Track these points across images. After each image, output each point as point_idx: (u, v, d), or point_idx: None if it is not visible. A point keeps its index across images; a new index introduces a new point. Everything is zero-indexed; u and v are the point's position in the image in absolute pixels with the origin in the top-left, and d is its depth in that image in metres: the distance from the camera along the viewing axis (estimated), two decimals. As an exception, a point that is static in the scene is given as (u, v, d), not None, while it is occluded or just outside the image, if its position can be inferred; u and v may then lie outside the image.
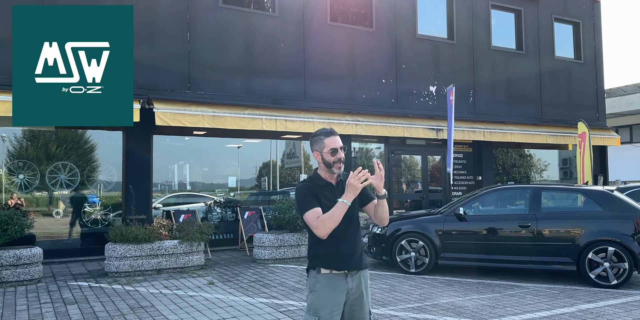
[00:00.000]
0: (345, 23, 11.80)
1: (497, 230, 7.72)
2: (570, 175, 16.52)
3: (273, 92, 10.65)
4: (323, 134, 3.06)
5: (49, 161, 9.60)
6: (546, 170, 15.72)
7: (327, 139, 3.03)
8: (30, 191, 9.51)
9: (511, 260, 7.59)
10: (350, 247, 3.06)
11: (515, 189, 8.59)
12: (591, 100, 15.08)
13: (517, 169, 15.09)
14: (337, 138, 3.06)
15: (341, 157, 3.02)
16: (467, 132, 12.30)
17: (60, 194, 9.77)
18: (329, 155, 3.02)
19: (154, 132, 10.02)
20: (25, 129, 9.52)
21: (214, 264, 8.93)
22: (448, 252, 7.84)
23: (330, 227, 2.88)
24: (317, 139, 3.07)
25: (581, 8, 15.02)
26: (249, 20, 10.56)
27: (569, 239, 7.35)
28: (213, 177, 11.86)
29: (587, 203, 7.69)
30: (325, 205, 2.99)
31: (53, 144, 9.75)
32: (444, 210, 8.21)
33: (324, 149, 3.03)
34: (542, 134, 13.35)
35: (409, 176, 13.45)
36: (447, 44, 12.92)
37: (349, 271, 3.03)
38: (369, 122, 11.18)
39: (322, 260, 3.04)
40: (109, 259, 7.93)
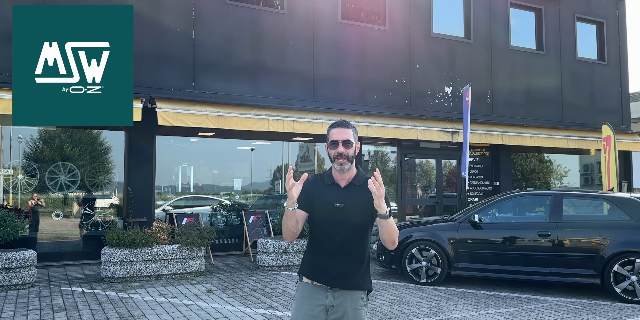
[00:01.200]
0: (357, 21, 11.38)
1: (515, 239, 7.22)
2: (592, 181, 15.88)
3: (281, 92, 10.27)
4: (332, 124, 2.78)
5: (65, 161, 9.36)
6: (566, 176, 15.10)
7: (332, 130, 2.75)
8: (46, 192, 9.28)
9: (530, 272, 7.09)
10: (336, 261, 2.71)
11: (535, 196, 8.07)
12: (615, 103, 14.44)
13: (537, 175, 14.50)
14: (343, 131, 2.72)
15: (341, 152, 2.67)
16: (484, 135, 11.78)
17: (75, 196, 9.51)
18: (330, 148, 2.73)
19: (157, 133, 9.70)
20: (41, 130, 9.30)
21: (215, 269, 8.55)
22: (461, 262, 7.35)
23: (286, 232, 2.69)
24: (327, 131, 2.83)
25: (605, 7, 14.41)
26: (257, 17, 10.20)
27: (593, 250, 6.83)
28: (222, 179, 11.52)
29: (612, 211, 7.16)
30: (322, 208, 2.71)
31: (68, 145, 9.50)
32: (457, 217, 7.73)
33: (328, 141, 2.75)
34: (563, 138, 12.77)
35: (424, 181, 12.96)
36: (463, 44, 12.43)
37: (330, 287, 2.70)
38: (380, 123, 10.73)
39: (306, 268, 2.79)
40: (105, 264, 7.61)
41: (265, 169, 11.63)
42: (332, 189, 2.73)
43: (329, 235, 2.69)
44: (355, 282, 2.72)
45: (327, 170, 2.83)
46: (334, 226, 2.69)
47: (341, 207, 2.68)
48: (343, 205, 2.68)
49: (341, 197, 2.70)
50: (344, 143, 2.68)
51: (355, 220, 2.69)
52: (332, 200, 2.69)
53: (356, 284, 2.73)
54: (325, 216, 2.71)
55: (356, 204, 2.69)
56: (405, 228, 7.87)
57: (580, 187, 15.48)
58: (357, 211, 2.68)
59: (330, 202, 2.69)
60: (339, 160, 2.68)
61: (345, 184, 2.74)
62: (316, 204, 2.72)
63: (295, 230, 2.68)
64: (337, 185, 2.74)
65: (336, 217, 2.68)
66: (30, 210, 9.14)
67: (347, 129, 2.72)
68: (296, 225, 2.67)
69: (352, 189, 2.71)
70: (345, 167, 2.69)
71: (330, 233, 2.69)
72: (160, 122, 8.77)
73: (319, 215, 2.73)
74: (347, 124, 2.75)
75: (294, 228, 2.67)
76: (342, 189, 2.73)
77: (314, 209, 2.74)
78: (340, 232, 2.67)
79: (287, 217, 2.65)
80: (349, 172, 2.74)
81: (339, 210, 2.69)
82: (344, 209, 2.68)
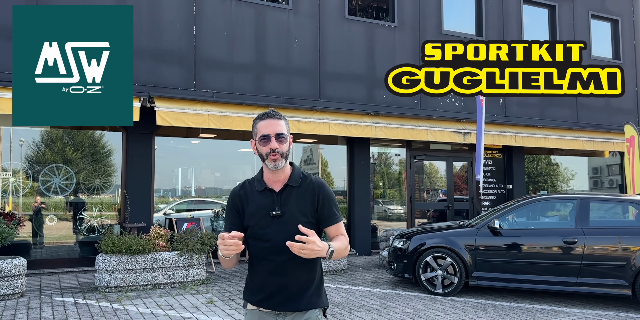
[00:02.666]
0: (365, 17, 10.93)
1: (538, 247, 6.73)
2: (602, 184, 15.40)
3: (285, 91, 9.81)
4: (259, 116, 2.36)
5: (60, 164, 8.92)
6: (573, 179, 14.60)
7: (260, 123, 2.33)
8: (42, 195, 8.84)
9: (554, 282, 6.59)
10: (284, 280, 2.30)
11: (559, 200, 7.57)
12: (631, 104, 13.95)
13: (544, 177, 14.00)
14: (275, 122, 2.31)
15: (275, 148, 2.27)
16: (497, 137, 11.31)
17: (74, 199, 9.07)
18: (260, 145, 2.31)
19: (156, 133, 9.24)
20: (42, 132, 8.88)
21: (216, 278, 8.08)
22: (481, 271, 6.86)
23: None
24: (253, 125, 2.39)
25: (620, 4, 13.94)
26: (260, 13, 9.75)
27: (623, 259, 6.34)
28: (225, 182, 11.06)
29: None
30: (257, 220, 2.30)
31: (70, 148, 9.06)
32: (475, 223, 7.24)
33: (256, 136, 2.34)
34: (578, 140, 12.28)
35: (434, 184, 12.47)
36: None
37: (280, 311, 2.31)
38: (389, 124, 10.27)
39: (249, 293, 2.39)
40: (100, 272, 7.15)
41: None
42: (265, 195, 2.33)
43: (270, 251, 2.27)
44: (308, 301, 2.31)
45: (257, 175, 2.42)
46: (275, 239, 2.26)
47: (279, 215, 2.28)
48: (281, 213, 2.28)
49: (277, 203, 2.30)
50: (277, 137, 2.28)
51: (296, 226, 2.21)
52: (266, 209, 2.30)
53: (310, 303, 2.31)
54: (262, 229, 2.30)
55: (296, 208, 2.30)
56: (417, 234, 7.39)
57: (589, 190, 14.99)
58: (299, 217, 2.28)
59: (264, 211, 2.30)
60: (271, 157, 2.28)
61: (281, 186, 2.34)
62: (249, 216, 2.32)
63: (235, 262, 2.35)
64: (271, 190, 2.33)
65: (275, 227, 2.28)
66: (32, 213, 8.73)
67: (278, 121, 2.32)
68: (236, 259, 2.32)
69: (289, 191, 2.32)
70: (279, 164, 2.28)
71: (270, 248, 2.27)
72: (159, 122, 8.33)
73: (254, 229, 2.31)
74: (277, 114, 2.35)
75: (234, 262, 2.34)
76: (277, 193, 2.32)
77: (247, 223, 2.33)
78: (283, 246, 2.17)
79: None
80: (283, 171, 2.33)
81: (277, 220, 2.28)
82: (283, 217, 2.28)
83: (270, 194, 2.32)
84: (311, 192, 2.33)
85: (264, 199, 2.32)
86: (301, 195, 2.32)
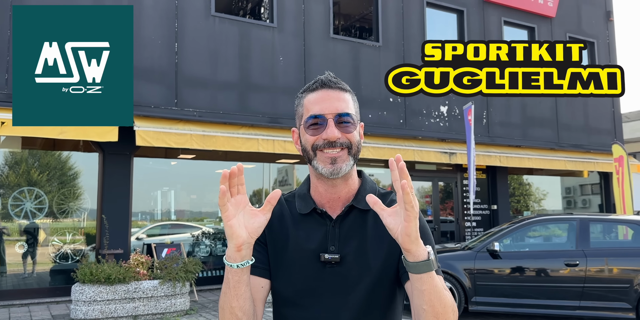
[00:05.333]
0: (350, 36, 10.81)
1: (540, 270, 6.53)
2: (575, 204, 15.50)
3: (270, 110, 9.53)
4: (307, 87, 1.45)
5: (31, 186, 8.40)
6: (545, 199, 14.65)
7: (311, 96, 1.41)
8: (11, 220, 8.27)
9: (557, 306, 6.38)
10: None
11: (558, 221, 7.42)
12: (608, 124, 14.13)
13: (517, 198, 13.98)
14: (335, 94, 1.39)
15: (336, 138, 1.33)
16: (481, 157, 11.21)
17: (42, 223, 8.50)
18: (307, 132, 1.38)
19: (134, 154, 8.82)
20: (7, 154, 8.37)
21: (200, 307, 7.62)
22: (480, 296, 6.61)
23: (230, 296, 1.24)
24: (297, 102, 1.47)
25: (595, 27, 14.22)
26: (244, 30, 9.52)
27: (626, 281, 6.18)
28: (202, 205, 10.64)
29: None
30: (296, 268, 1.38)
31: (35, 170, 8.55)
32: (473, 246, 7.01)
33: (301, 119, 1.42)
34: (560, 160, 12.30)
35: (420, 205, 12.28)
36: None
37: None
38: (376, 144, 10.06)
39: None
40: (76, 303, 6.65)
41: (248, 194, 10.77)
42: (312, 224, 1.40)
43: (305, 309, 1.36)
44: None
45: (300, 187, 1.49)
46: (325, 302, 1.35)
47: (335, 261, 1.36)
48: (339, 257, 1.36)
49: (334, 238, 1.37)
50: (339, 119, 1.35)
51: (368, 284, 1.35)
52: (314, 249, 1.37)
53: None
54: (303, 284, 1.37)
55: (368, 249, 1.38)
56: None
57: (563, 210, 15.06)
58: (371, 265, 1.36)
59: (310, 252, 1.37)
60: (328, 155, 1.34)
61: (341, 210, 1.40)
62: (281, 259, 1.40)
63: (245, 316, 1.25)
64: (323, 216, 1.40)
65: (327, 282, 1.36)
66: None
67: (341, 93, 1.40)
68: (249, 306, 1.25)
69: (356, 219, 1.39)
70: (342, 167, 1.34)
71: (316, 317, 1.36)
72: (139, 142, 7.93)
73: (289, 284, 1.38)
74: (338, 83, 1.43)
75: (245, 312, 1.24)
76: (336, 221, 1.39)
77: (277, 270, 1.40)
78: (340, 314, 1.34)
79: (231, 286, 1.22)
80: (347, 183, 1.41)
81: (330, 269, 1.37)
82: (343, 265, 1.36)
83: (322, 222, 1.39)
84: None
85: (311, 230, 1.39)
86: (377, 226, 1.36)
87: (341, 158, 1.33)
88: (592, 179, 15.13)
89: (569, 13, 13.74)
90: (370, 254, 1.36)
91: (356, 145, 1.37)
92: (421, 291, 1.18)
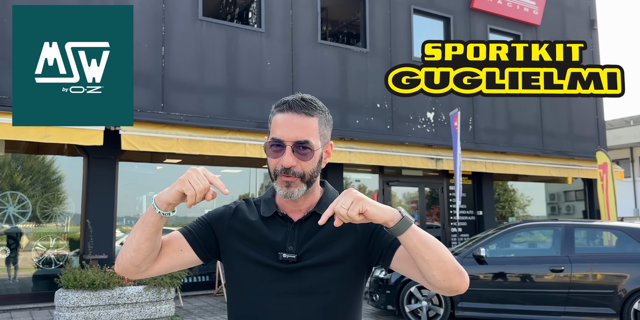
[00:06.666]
0: (337, 42, 10.84)
1: (525, 276, 6.56)
2: (559, 210, 15.66)
3: (258, 114, 9.51)
4: (279, 104, 1.47)
5: (15, 190, 8.27)
6: (529, 205, 14.77)
7: (278, 117, 1.44)
8: None
9: (542, 311, 6.41)
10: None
11: (543, 227, 7.47)
12: (592, 131, 14.30)
13: (502, 204, 14.08)
14: (299, 119, 1.41)
15: (289, 166, 1.39)
16: (467, 163, 11.28)
17: (25, 227, 8.36)
18: (268, 153, 1.44)
19: (120, 158, 8.73)
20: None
21: (186, 313, 7.54)
22: (466, 302, 6.62)
23: (124, 258, 1.40)
24: (270, 114, 1.51)
25: (580, 35, 14.41)
26: (232, 35, 9.50)
27: (610, 286, 6.24)
28: (187, 210, 10.55)
29: (628, 243, 6.59)
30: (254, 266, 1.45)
31: (19, 174, 8.41)
32: (459, 251, 7.04)
33: (268, 136, 1.47)
34: (545, 166, 12.42)
35: (407, 210, 12.31)
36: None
37: None
38: (363, 149, 10.08)
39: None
40: (60, 309, 6.55)
41: (234, 198, 10.73)
42: (274, 225, 1.48)
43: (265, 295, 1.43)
44: None
45: (266, 193, 1.57)
46: (283, 301, 1.41)
47: (292, 261, 1.42)
48: (296, 257, 1.42)
49: (292, 239, 1.45)
50: (296, 146, 1.40)
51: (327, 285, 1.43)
52: (274, 248, 1.44)
53: None
54: (262, 282, 1.44)
55: (326, 249, 1.44)
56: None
57: (547, 216, 15.19)
58: (330, 264, 1.43)
59: (270, 251, 1.44)
60: (283, 179, 1.41)
61: (303, 215, 1.48)
62: (240, 257, 1.47)
63: (142, 256, 1.38)
64: (284, 219, 1.48)
65: (285, 282, 1.43)
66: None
67: (306, 118, 1.42)
68: (145, 248, 1.37)
69: (315, 222, 1.43)
70: (295, 192, 1.42)
71: (274, 316, 1.41)
72: (125, 146, 7.86)
73: (248, 281, 1.45)
74: (308, 105, 1.43)
75: (142, 252, 1.37)
76: (296, 224, 1.47)
77: (233, 266, 1.49)
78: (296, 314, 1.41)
79: (145, 222, 1.37)
80: (307, 198, 1.49)
81: (288, 269, 1.43)
82: (301, 265, 1.43)
83: (283, 224, 1.47)
84: (359, 225, 1.44)
85: (273, 231, 1.46)
86: (338, 230, 1.42)
87: (294, 183, 1.42)
88: (576, 186, 15.28)
89: (553, 21, 13.93)
90: (328, 253, 1.44)
91: (309, 174, 1.43)
92: (414, 245, 1.32)
